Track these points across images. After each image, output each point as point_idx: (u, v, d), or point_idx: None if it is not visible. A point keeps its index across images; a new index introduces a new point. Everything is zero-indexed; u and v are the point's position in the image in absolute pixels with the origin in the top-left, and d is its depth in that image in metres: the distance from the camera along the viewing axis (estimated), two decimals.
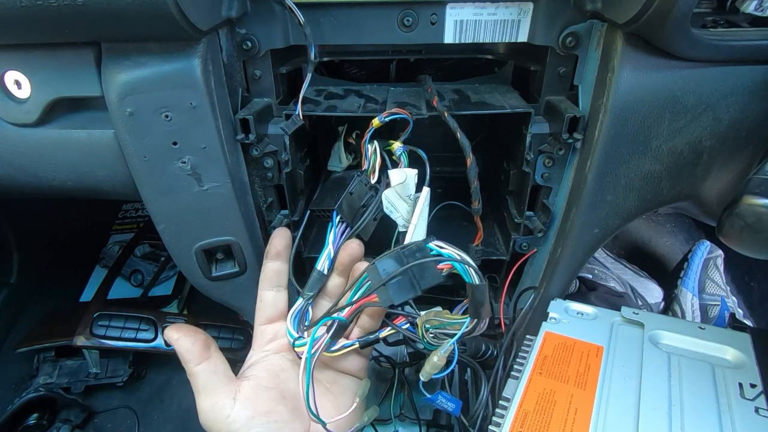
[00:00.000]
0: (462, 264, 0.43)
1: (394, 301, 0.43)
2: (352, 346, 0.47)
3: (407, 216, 0.52)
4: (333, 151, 0.60)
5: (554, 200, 0.55)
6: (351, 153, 0.59)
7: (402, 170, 0.51)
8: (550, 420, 0.43)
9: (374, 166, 0.53)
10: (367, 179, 0.53)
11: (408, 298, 0.43)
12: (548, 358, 0.49)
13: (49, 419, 0.91)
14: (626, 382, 0.46)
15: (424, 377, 0.47)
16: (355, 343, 0.47)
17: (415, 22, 0.48)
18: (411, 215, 0.51)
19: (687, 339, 0.50)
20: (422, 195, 0.51)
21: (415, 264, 0.43)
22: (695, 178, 0.49)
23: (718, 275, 0.98)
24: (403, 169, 0.51)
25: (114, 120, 0.43)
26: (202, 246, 0.51)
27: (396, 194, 0.51)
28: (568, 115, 0.47)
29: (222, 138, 0.46)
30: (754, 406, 0.42)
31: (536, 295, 0.60)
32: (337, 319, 0.46)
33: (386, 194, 0.51)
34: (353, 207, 0.51)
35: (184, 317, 0.99)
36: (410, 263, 0.43)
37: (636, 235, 1.23)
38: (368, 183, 0.53)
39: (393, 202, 0.52)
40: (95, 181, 0.49)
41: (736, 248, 0.40)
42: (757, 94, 0.43)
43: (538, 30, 0.48)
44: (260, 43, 0.48)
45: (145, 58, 0.41)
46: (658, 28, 0.38)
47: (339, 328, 0.47)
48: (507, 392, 0.46)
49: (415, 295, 0.43)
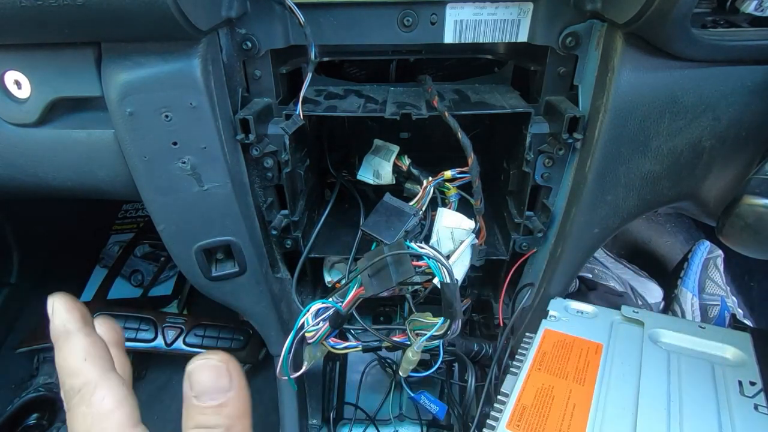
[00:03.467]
0: (434, 261, 0.45)
1: (373, 290, 0.47)
2: (355, 348, 0.49)
3: (446, 252, 0.55)
4: (366, 162, 0.61)
5: (554, 200, 0.55)
6: (395, 173, 0.60)
7: (459, 216, 0.54)
8: (548, 414, 0.43)
9: (426, 202, 0.56)
10: (421, 218, 0.56)
11: (386, 288, 0.47)
12: (547, 354, 0.50)
13: (49, 419, 0.91)
14: (625, 379, 0.46)
15: (402, 372, 0.51)
16: (358, 345, 0.49)
17: (415, 22, 0.48)
18: (451, 254, 0.55)
19: (687, 338, 0.50)
20: (467, 240, 0.55)
21: (391, 254, 0.47)
22: (695, 178, 0.49)
23: (718, 275, 0.98)
24: (460, 216, 0.54)
25: (114, 120, 0.43)
26: (202, 246, 0.51)
27: (448, 232, 0.55)
28: (568, 115, 0.47)
29: (222, 138, 0.46)
30: (753, 404, 0.42)
31: (536, 294, 0.60)
32: (335, 306, 0.48)
33: (438, 230, 0.55)
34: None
35: (184, 317, 0.99)
36: (388, 253, 0.47)
37: (636, 235, 1.23)
38: (421, 221, 0.55)
39: (441, 237, 0.55)
40: (95, 182, 0.49)
41: (736, 248, 0.40)
42: (757, 94, 0.43)
43: (538, 30, 0.48)
44: (260, 43, 0.48)
45: (145, 58, 0.41)
46: (658, 28, 0.38)
47: (336, 316, 0.49)
48: (505, 387, 0.47)
49: (390, 286, 0.47)
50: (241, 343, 0.98)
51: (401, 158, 0.58)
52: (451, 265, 0.51)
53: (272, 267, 0.61)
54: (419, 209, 0.55)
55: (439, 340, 0.50)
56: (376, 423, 0.73)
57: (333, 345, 0.49)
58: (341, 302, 0.48)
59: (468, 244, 0.55)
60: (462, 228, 0.54)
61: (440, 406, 0.60)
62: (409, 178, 0.59)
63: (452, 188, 0.56)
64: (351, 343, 0.49)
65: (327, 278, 0.69)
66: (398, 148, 0.58)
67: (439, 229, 0.55)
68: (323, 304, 0.49)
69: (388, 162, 0.58)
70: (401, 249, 0.47)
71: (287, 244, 0.60)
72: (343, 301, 0.48)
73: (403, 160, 0.58)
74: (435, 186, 0.56)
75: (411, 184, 0.58)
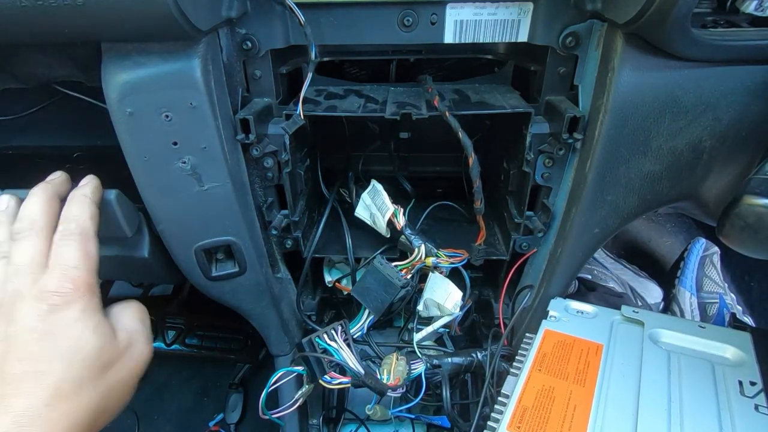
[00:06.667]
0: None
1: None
2: (345, 384, 0.51)
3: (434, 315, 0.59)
4: (363, 201, 0.61)
5: (554, 200, 0.55)
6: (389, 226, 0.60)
7: (447, 289, 0.56)
8: (549, 416, 0.43)
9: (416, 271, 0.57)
10: (411, 289, 0.57)
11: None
12: (548, 355, 0.50)
13: None
14: (626, 380, 0.46)
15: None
16: (348, 382, 0.51)
17: (415, 22, 0.48)
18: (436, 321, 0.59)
19: (687, 337, 0.50)
20: (442, 320, 0.59)
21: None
22: (695, 178, 0.49)
23: (716, 273, 0.98)
24: (449, 289, 0.56)
25: (114, 120, 0.43)
26: (202, 246, 0.51)
27: (435, 303, 0.57)
28: (568, 115, 0.47)
29: (222, 138, 0.46)
30: (753, 404, 0.42)
31: (536, 295, 0.60)
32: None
33: (425, 299, 0.57)
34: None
35: (184, 317, 0.99)
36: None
37: (636, 235, 1.23)
38: (407, 287, 0.56)
39: (428, 306, 0.58)
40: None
41: (736, 248, 0.40)
42: (757, 94, 0.43)
43: (538, 30, 0.48)
44: (260, 43, 0.48)
45: (145, 58, 0.41)
46: (658, 28, 0.38)
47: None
48: (506, 388, 0.47)
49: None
50: (241, 343, 0.98)
51: (396, 215, 0.57)
52: (444, 300, 0.56)
53: (272, 267, 0.61)
54: (407, 281, 0.56)
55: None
56: (376, 423, 0.73)
57: (328, 380, 0.51)
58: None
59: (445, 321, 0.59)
60: (447, 305, 0.56)
61: (440, 419, 0.61)
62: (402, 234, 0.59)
63: (443, 256, 0.57)
64: (344, 379, 0.51)
65: (327, 278, 0.69)
66: (394, 208, 0.58)
67: (426, 299, 0.57)
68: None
69: (383, 216, 0.57)
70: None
71: (287, 244, 0.60)
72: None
73: (398, 217, 0.57)
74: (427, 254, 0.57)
75: (406, 239, 0.58)
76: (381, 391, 0.52)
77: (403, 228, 0.57)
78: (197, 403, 1.02)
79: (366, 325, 0.58)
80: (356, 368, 0.50)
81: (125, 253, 0.52)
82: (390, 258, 0.58)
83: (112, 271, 0.54)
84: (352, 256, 0.61)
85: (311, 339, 0.52)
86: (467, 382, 0.71)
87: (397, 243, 0.59)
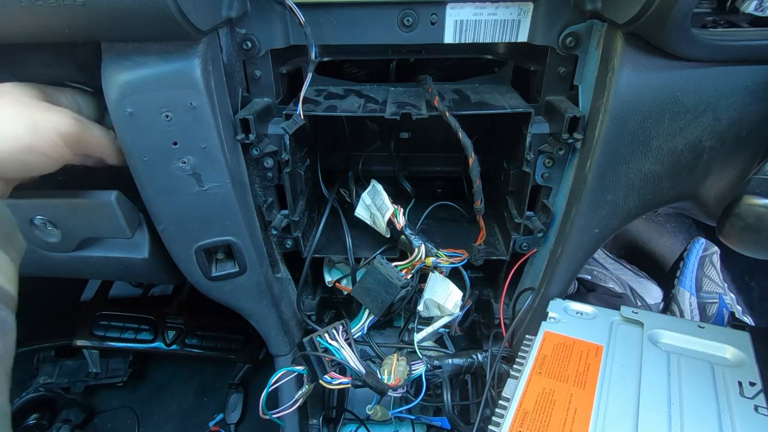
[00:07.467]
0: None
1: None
2: (346, 385, 0.52)
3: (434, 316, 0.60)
4: (363, 201, 0.61)
5: (554, 200, 0.55)
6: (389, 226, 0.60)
7: (448, 290, 0.57)
8: (550, 419, 0.43)
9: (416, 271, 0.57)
10: (411, 289, 0.57)
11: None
12: (548, 357, 0.49)
13: (49, 419, 0.91)
14: (626, 381, 0.46)
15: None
16: (348, 382, 0.51)
17: (415, 22, 0.48)
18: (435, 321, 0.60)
19: (686, 338, 0.50)
20: (442, 321, 0.59)
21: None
22: (695, 178, 0.49)
23: (715, 272, 0.98)
24: (449, 289, 0.57)
25: (114, 120, 0.43)
26: (202, 246, 0.51)
27: (435, 304, 0.57)
28: (568, 115, 0.47)
29: (222, 138, 0.46)
30: (753, 405, 0.42)
31: (536, 296, 0.60)
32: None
33: (425, 300, 0.58)
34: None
35: (184, 317, 0.99)
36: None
37: (636, 235, 1.23)
38: (407, 286, 0.57)
39: (428, 306, 0.58)
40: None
41: (736, 248, 0.40)
42: (757, 94, 0.43)
43: (538, 30, 0.48)
44: (260, 43, 0.48)
45: (145, 58, 0.41)
46: (658, 28, 0.38)
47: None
48: (506, 392, 0.46)
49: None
50: (241, 343, 0.98)
51: (396, 215, 0.57)
52: (444, 301, 0.57)
53: (272, 267, 0.61)
54: (408, 281, 0.56)
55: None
56: (376, 423, 0.73)
57: (328, 381, 0.51)
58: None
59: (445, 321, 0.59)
60: (447, 306, 0.56)
61: (441, 420, 0.61)
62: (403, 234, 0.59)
63: (443, 255, 0.57)
64: (344, 379, 0.51)
65: (327, 278, 0.69)
66: (394, 208, 0.58)
67: (426, 299, 0.57)
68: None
69: (383, 216, 0.57)
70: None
71: (287, 244, 0.60)
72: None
73: (398, 217, 0.57)
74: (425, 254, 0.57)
75: (406, 239, 0.58)
76: (382, 391, 0.52)
77: (403, 228, 0.57)
78: (197, 403, 1.02)
79: (366, 325, 0.58)
80: (357, 367, 0.50)
81: (125, 253, 0.52)
82: (390, 258, 0.57)
83: (112, 272, 0.54)
84: (352, 256, 0.61)
85: (312, 338, 0.52)
86: (467, 382, 0.71)
87: (397, 243, 0.60)
